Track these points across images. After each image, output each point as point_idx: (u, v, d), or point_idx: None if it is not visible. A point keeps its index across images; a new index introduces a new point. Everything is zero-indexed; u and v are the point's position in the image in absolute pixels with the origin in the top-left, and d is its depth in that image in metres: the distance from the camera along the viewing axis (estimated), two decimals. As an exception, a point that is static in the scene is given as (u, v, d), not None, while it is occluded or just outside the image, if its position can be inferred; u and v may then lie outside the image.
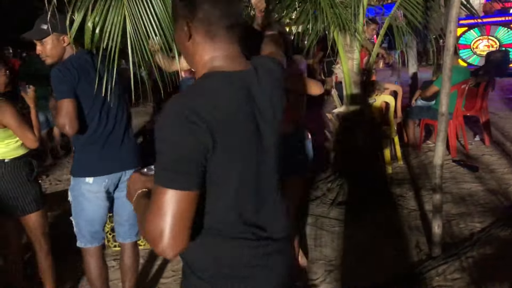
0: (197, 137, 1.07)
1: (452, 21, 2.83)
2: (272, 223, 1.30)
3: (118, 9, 2.56)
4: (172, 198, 1.06)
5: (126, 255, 2.73)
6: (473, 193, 4.34)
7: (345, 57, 4.27)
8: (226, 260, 1.24)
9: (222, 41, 1.21)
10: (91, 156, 2.45)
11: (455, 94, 5.29)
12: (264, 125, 1.25)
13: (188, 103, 1.10)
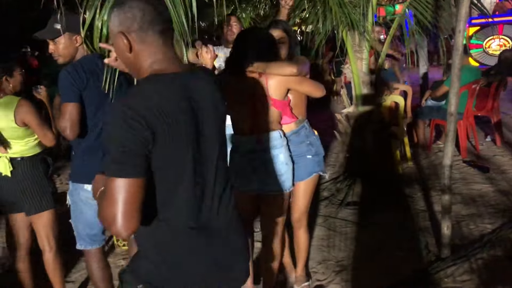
0: (137, 132, 1.21)
1: (461, 20, 2.81)
2: (217, 213, 1.43)
3: None
4: (121, 186, 1.20)
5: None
6: (484, 194, 4.30)
7: (354, 57, 4.26)
8: (170, 246, 1.37)
9: (158, 45, 1.35)
10: (92, 164, 2.36)
11: (466, 94, 5.25)
12: (206, 120, 1.39)
13: (129, 103, 1.26)
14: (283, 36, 2.71)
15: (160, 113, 1.25)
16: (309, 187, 2.79)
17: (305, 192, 2.78)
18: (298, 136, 2.69)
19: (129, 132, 1.21)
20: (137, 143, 1.22)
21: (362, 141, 4.42)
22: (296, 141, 2.67)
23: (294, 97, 2.63)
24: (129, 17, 1.31)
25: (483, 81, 5.63)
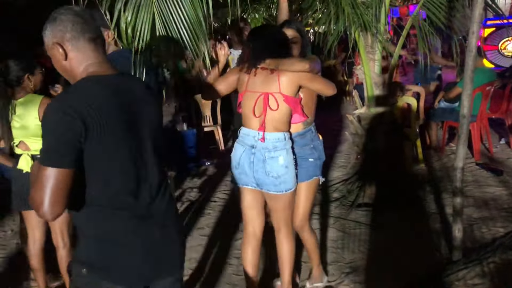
0: (70, 125, 1.35)
1: (475, 22, 2.78)
2: (153, 202, 1.58)
3: (147, 7, 2.60)
4: (50, 174, 1.34)
5: None
6: (497, 197, 4.25)
7: (366, 58, 4.24)
8: (107, 230, 1.52)
9: (89, 51, 1.52)
10: None
11: (480, 96, 5.20)
12: (139, 118, 1.55)
13: (64, 99, 1.44)
14: (295, 36, 2.74)
15: (93, 108, 1.39)
16: (310, 189, 2.80)
17: (305, 195, 2.79)
18: (303, 139, 2.71)
19: (62, 125, 1.35)
20: (69, 136, 1.36)
21: (374, 142, 4.39)
22: (301, 143, 2.69)
23: (305, 95, 2.65)
24: (61, 29, 1.48)
25: (497, 83, 5.57)
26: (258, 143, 2.53)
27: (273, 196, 2.60)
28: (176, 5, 2.63)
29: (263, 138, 2.52)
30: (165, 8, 2.63)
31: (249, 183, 2.63)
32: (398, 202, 4.16)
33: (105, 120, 1.42)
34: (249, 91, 2.56)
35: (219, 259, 3.51)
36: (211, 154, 6.15)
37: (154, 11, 2.61)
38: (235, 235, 3.88)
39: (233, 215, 4.30)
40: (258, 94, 2.53)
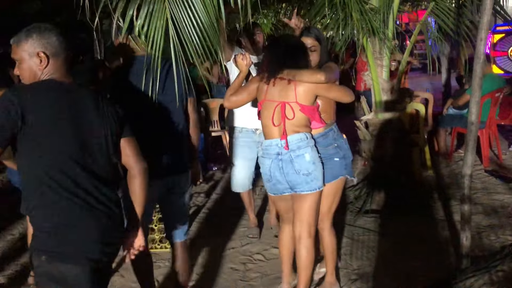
0: (10, 113, 1.63)
1: (483, 29, 2.77)
2: (96, 190, 1.79)
3: (160, 12, 2.61)
4: None
5: (177, 256, 2.75)
6: (506, 204, 4.22)
7: (374, 64, 4.24)
8: (54, 211, 1.73)
9: (60, 66, 1.82)
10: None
11: (489, 102, 5.17)
12: (89, 124, 1.80)
13: (15, 91, 1.69)
14: (314, 44, 2.81)
15: (37, 105, 1.68)
16: (334, 189, 2.85)
17: (328, 194, 2.83)
18: (325, 139, 2.77)
19: (3, 112, 1.63)
20: (6, 121, 1.63)
21: (382, 148, 4.38)
22: (324, 144, 2.75)
23: (323, 102, 2.73)
24: (49, 42, 1.79)
25: (507, 90, 5.54)
26: (283, 150, 2.62)
27: (304, 197, 2.67)
28: (189, 11, 2.63)
29: (287, 146, 2.60)
30: (178, 14, 2.63)
31: (284, 190, 2.72)
32: (406, 209, 4.14)
33: (43, 113, 1.69)
34: (267, 100, 2.66)
35: (226, 264, 3.51)
36: (219, 159, 6.16)
37: (168, 17, 2.62)
38: (241, 240, 3.89)
39: (240, 220, 4.31)
40: (276, 104, 2.63)
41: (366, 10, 3.86)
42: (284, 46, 2.65)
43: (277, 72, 2.59)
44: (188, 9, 2.63)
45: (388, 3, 3.95)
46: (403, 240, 3.65)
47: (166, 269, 3.47)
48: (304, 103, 2.59)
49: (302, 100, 2.59)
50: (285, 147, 2.60)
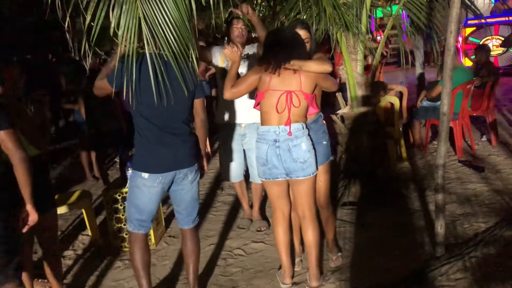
0: None
1: (452, 21, 2.84)
2: None
3: (133, 12, 2.60)
4: None
5: (188, 240, 2.93)
6: (479, 193, 4.33)
7: (348, 58, 4.29)
8: None
9: None
10: (149, 154, 2.67)
11: (461, 94, 5.28)
12: None
13: None
14: (308, 36, 2.99)
15: None
16: (328, 169, 3.12)
17: (326, 176, 3.11)
18: (316, 124, 3.01)
19: None
20: None
21: (358, 141, 4.44)
22: (315, 129, 2.98)
23: (316, 91, 2.94)
24: None
25: (477, 81, 5.67)
26: (281, 137, 2.79)
27: (301, 181, 2.86)
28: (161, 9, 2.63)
29: (290, 132, 2.77)
30: (150, 12, 2.63)
31: (279, 175, 2.88)
32: (382, 200, 4.22)
33: None
34: (271, 90, 2.79)
35: (206, 260, 3.52)
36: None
37: (140, 15, 2.61)
38: (221, 236, 3.90)
39: (218, 216, 4.33)
40: (280, 92, 2.78)
41: (339, 4, 3.90)
42: (288, 38, 2.81)
43: (285, 63, 2.74)
44: (161, 8, 2.63)
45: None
46: (380, 231, 3.72)
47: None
48: (307, 91, 2.80)
49: (305, 89, 2.79)
50: (288, 133, 2.77)
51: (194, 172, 2.81)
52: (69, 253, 3.82)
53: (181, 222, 2.92)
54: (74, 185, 5.57)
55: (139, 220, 2.76)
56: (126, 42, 2.56)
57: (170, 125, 2.67)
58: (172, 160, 2.68)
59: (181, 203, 2.86)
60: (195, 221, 2.94)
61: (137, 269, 2.81)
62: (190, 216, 2.90)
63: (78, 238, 4.11)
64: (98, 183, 5.51)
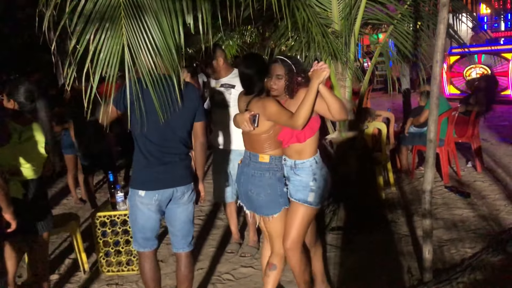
0: None
1: (438, 51, 2.93)
2: None
3: (118, 38, 2.64)
4: None
5: (182, 265, 2.90)
6: (465, 219, 4.38)
7: (337, 85, 4.37)
8: None
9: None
10: (146, 172, 2.69)
11: (446, 121, 5.39)
12: None
13: None
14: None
15: None
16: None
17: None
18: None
19: None
20: None
21: (346, 166, 4.48)
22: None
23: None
24: None
25: (460, 108, 5.80)
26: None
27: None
28: (145, 37, 2.67)
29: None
30: (134, 40, 2.66)
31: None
32: (370, 225, 4.24)
33: None
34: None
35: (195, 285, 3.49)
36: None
37: (124, 42, 2.65)
38: (210, 260, 3.88)
39: (207, 240, 4.30)
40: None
41: (328, 33, 4.00)
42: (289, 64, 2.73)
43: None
44: (145, 35, 2.67)
45: (350, 27, 4.10)
46: (367, 256, 3.73)
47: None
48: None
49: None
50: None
51: (191, 191, 2.83)
52: (54, 277, 3.76)
53: (176, 246, 2.89)
54: (60, 207, 5.51)
55: (143, 238, 2.78)
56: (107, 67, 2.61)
57: (168, 145, 2.70)
58: (169, 177, 2.71)
59: (176, 223, 2.84)
60: (191, 245, 2.91)
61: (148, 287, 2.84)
62: (185, 239, 2.88)
63: (64, 261, 4.05)
64: (85, 206, 5.47)
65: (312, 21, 3.85)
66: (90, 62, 2.57)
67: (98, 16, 2.57)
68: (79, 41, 2.57)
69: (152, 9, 2.62)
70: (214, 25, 2.95)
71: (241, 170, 2.84)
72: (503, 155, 6.58)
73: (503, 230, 4.08)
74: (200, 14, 2.72)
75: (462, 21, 4.80)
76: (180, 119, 2.71)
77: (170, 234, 2.92)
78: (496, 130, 8.24)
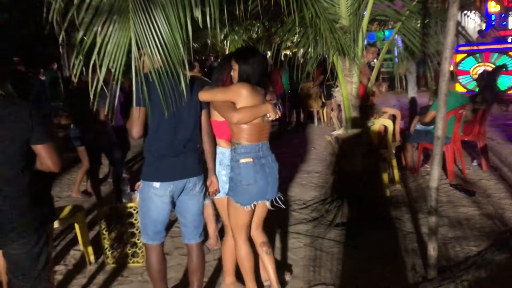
0: None
1: (447, 48, 2.92)
2: None
3: (125, 31, 2.64)
4: None
5: (194, 255, 2.96)
6: (470, 217, 4.37)
7: (344, 81, 4.36)
8: None
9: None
10: (160, 164, 2.72)
11: (453, 119, 5.37)
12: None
13: None
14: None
15: None
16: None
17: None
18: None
19: None
20: None
21: (352, 163, 4.49)
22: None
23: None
24: None
25: (469, 107, 5.77)
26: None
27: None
28: (153, 30, 2.67)
29: None
30: (142, 33, 2.67)
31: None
32: (375, 222, 4.24)
33: None
34: None
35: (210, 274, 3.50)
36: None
37: (131, 36, 2.65)
38: (213, 255, 3.89)
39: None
40: None
41: (336, 29, 3.99)
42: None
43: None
44: (152, 29, 2.67)
45: (358, 23, 4.09)
46: (372, 252, 3.73)
47: (138, 283, 3.45)
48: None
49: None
50: None
51: (202, 183, 2.87)
52: (61, 268, 3.78)
53: (188, 237, 2.95)
54: (64, 200, 5.54)
55: (154, 231, 2.81)
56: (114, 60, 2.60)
57: (179, 137, 2.73)
58: (182, 168, 2.75)
59: (188, 214, 2.89)
60: (202, 235, 2.97)
61: (155, 280, 2.87)
62: (197, 229, 2.93)
63: (70, 253, 4.08)
64: (91, 198, 5.49)
65: (320, 16, 3.83)
66: (97, 54, 2.57)
67: (106, 8, 2.57)
68: (86, 33, 2.57)
69: (160, 2, 2.62)
70: (221, 19, 2.94)
71: (260, 164, 2.79)
72: (509, 154, 6.56)
73: (508, 228, 4.07)
74: (208, 8, 2.71)
75: (471, 17, 4.78)
76: (189, 111, 2.74)
77: (181, 226, 2.96)
78: (503, 128, 8.20)
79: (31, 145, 2.26)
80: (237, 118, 2.66)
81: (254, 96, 2.71)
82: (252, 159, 2.76)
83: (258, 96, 2.75)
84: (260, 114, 2.73)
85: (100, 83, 2.51)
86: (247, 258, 2.94)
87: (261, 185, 2.79)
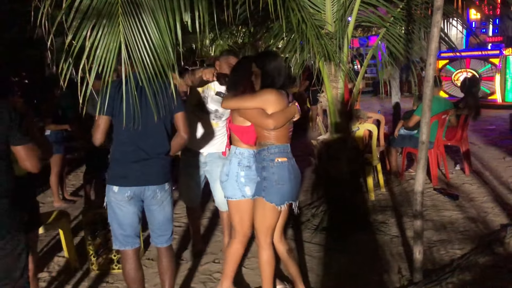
0: None
1: (431, 54, 2.97)
2: None
3: (115, 35, 2.63)
4: None
5: (162, 257, 2.95)
6: (454, 220, 4.44)
7: (329, 86, 4.39)
8: None
9: None
10: (120, 169, 2.73)
11: (436, 124, 5.45)
12: None
13: None
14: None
15: None
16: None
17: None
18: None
19: None
20: None
21: (337, 167, 4.51)
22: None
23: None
24: None
25: (452, 112, 5.87)
26: None
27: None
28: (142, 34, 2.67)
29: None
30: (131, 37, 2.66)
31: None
32: (361, 226, 4.28)
33: None
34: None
35: (186, 284, 3.49)
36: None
37: (121, 40, 2.64)
38: (200, 260, 3.88)
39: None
40: None
41: (322, 34, 4.02)
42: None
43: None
44: (142, 33, 2.67)
45: (343, 29, 4.13)
46: (358, 256, 3.76)
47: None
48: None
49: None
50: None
51: (164, 192, 2.83)
52: (44, 275, 3.73)
53: (155, 241, 2.94)
54: (47, 206, 5.47)
55: (123, 235, 2.78)
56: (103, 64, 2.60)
57: (143, 143, 2.71)
58: (142, 174, 2.72)
59: (154, 221, 2.88)
60: (169, 240, 2.95)
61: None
62: (163, 236, 2.92)
63: (54, 259, 4.02)
64: (75, 204, 5.42)
65: (307, 22, 3.86)
66: (86, 58, 2.56)
67: (95, 13, 2.56)
68: (75, 37, 2.56)
69: (149, 7, 2.62)
70: (209, 23, 2.96)
71: (291, 164, 2.85)
72: (490, 158, 6.68)
73: (490, 231, 4.14)
74: (197, 12, 2.72)
75: (453, 25, 4.87)
76: (156, 117, 2.67)
77: (150, 229, 2.96)
78: (484, 133, 8.35)
79: (11, 145, 2.21)
80: (274, 124, 2.72)
81: (281, 100, 2.77)
82: (286, 158, 2.81)
83: (284, 100, 2.80)
84: (290, 116, 2.81)
85: (89, 88, 2.50)
86: (269, 262, 2.91)
87: (293, 185, 2.83)
